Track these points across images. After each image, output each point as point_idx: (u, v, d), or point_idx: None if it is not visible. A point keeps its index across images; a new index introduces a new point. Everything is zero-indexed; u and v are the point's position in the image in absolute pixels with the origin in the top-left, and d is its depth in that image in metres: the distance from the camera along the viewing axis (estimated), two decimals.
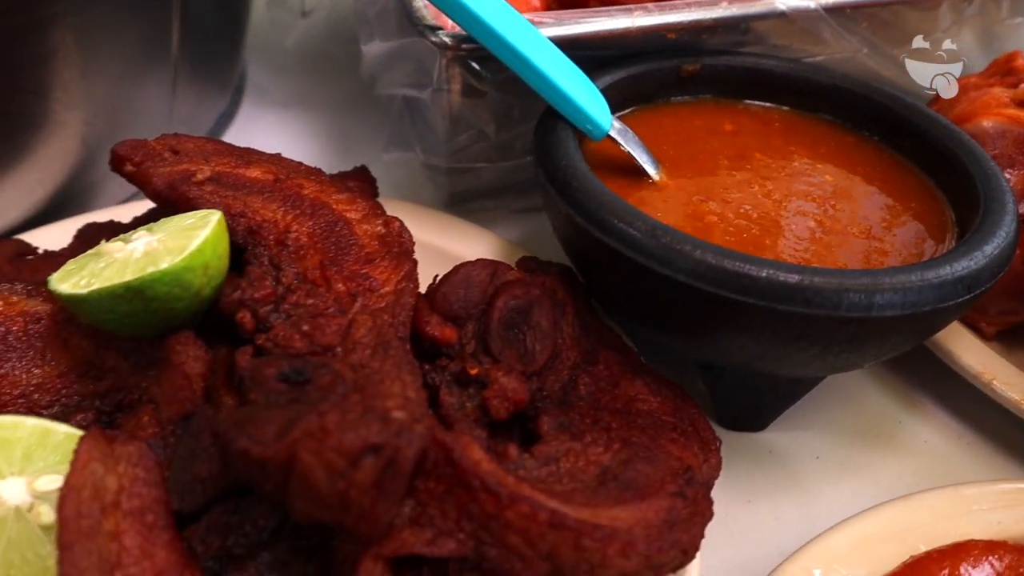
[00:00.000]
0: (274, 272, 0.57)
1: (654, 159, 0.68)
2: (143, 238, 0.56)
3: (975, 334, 0.70)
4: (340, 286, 0.56)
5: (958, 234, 0.64)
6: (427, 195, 0.85)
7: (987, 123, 0.71)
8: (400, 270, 0.58)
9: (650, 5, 0.72)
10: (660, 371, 0.61)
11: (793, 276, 0.53)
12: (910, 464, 0.67)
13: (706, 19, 0.73)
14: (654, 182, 0.67)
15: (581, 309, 0.63)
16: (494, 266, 0.61)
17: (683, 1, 0.73)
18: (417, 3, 0.70)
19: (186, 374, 0.53)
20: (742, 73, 0.75)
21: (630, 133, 0.67)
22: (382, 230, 0.62)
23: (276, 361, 0.50)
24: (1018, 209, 0.61)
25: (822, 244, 0.63)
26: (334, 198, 0.64)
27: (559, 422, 0.55)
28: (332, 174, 0.72)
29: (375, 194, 0.74)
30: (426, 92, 0.73)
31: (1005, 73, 0.75)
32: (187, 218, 0.57)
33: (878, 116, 0.72)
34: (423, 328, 0.58)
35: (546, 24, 0.69)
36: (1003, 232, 0.58)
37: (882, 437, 0.68)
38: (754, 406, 0.67)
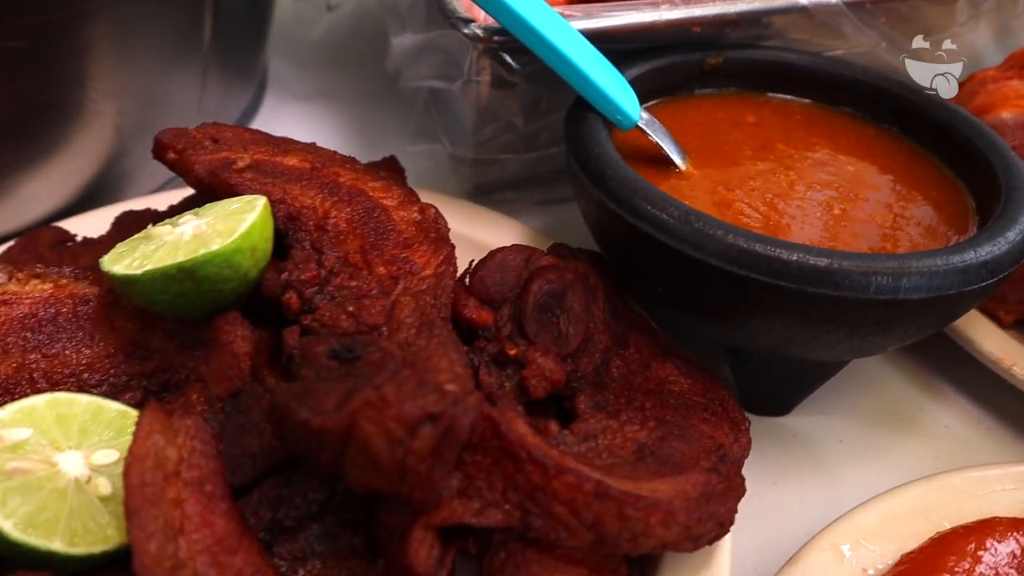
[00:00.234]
0: (316, 256, 0.59)
1: (680, 149, 0.69)
2: (191, 222, 0.57)
3: (994, 322, 0.72)
4: (381, 269, 0.58)
5: (979, 222, 0.65)
6: (451, 186, 0.86)
7: (1006, 114, 0.72)
8: (439, 254, 0.59)
9: None
10: None
11: (823, 259, 0.55)
12: (932, 448, 0.68)
13: (730, 13, 0.75)
14: (680, 172, 0.69)
15: (612, 294, 0.65)
16: (528, 251, 0.63)
17: None
18: None
19: (234, 353, 0.55)
20: (764, 66, 0.77)
21: (657, 124, 0.69)
22: (418, 216, 0.64)
23: (325, 339, 0.51)
24: None
25: (847, 231, 0.64)
26: (370, 185, 0.66)
27: (595, 401, 0.57)
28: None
29: (404, 184, 0.75)
30: (456, 84, 0.75)
31: (1023, 67, 0.76)
32: (232, 203, 0.59)
33: (899, 108, 0.73)
34: (461, 311, 0.59)
35: (576, 17, 0.70)
36: None
37: (904, 422, 0.70)
38: (779, 391, 0.69)
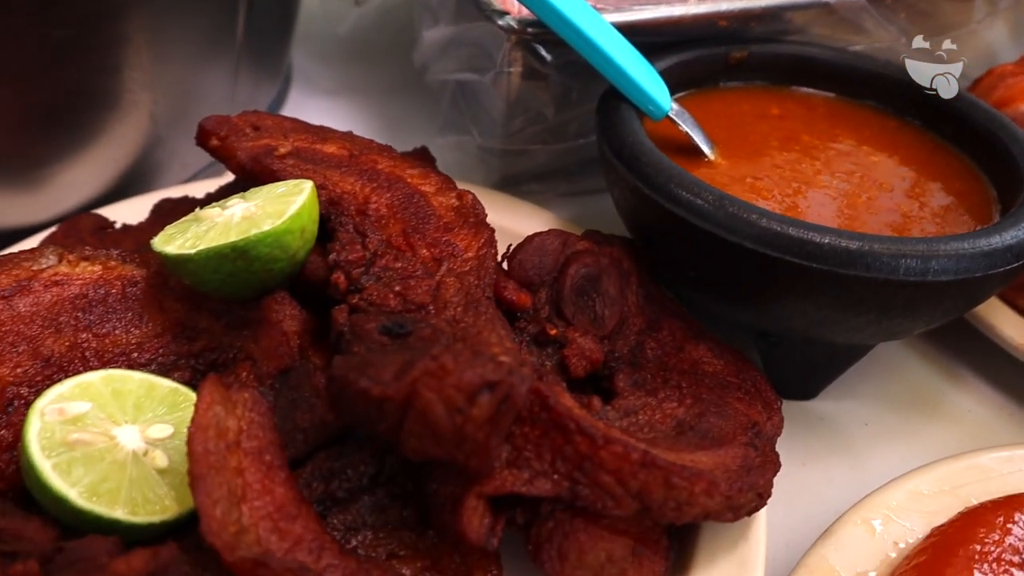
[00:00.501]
0: (360, 239, 0.60)
1: (709, 139, 0.71)
2: (239, 204, 0.59)
3: (1013, 310, 0.73)
4: (424, 252, 0.60)
5: (1001, 210, 0.67)
6: (479, 178, 0.88)
7: None
8: (480, 237, 0.61)
9: None
10: None
11: (854, 242, 0.57)
12: (955, 431, 0.70)
13: (755, 8, 0.76)
14: (709, 161, 0.71)
15: (644, 279, 0.66)
16: (565, 236, 0.65)
17: None
18: None
19: (284, 331, 0.56)
20: (788, 60, 0.79)
21: (687, 114, 0.71)
22: (456, 202, 0.65)
23: (375, 317, 0.53)
24: None
25: (873, 219, 0.66)
26: (408, 172, 0.67)
27: (633, 380, 0.58)
28: None
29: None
30: (487, 76, 0.76)
31: None
32: (278, 187, 0.60)
33: (920, 102, 0.75)
34: (501, 293, 0.61)
35: (607, 11, 0.72)
36: None
37: (927, 407, 0.72)
38: (806, 375, 0.71)
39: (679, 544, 0.55)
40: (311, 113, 1.01)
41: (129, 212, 0.77)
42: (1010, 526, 0.53)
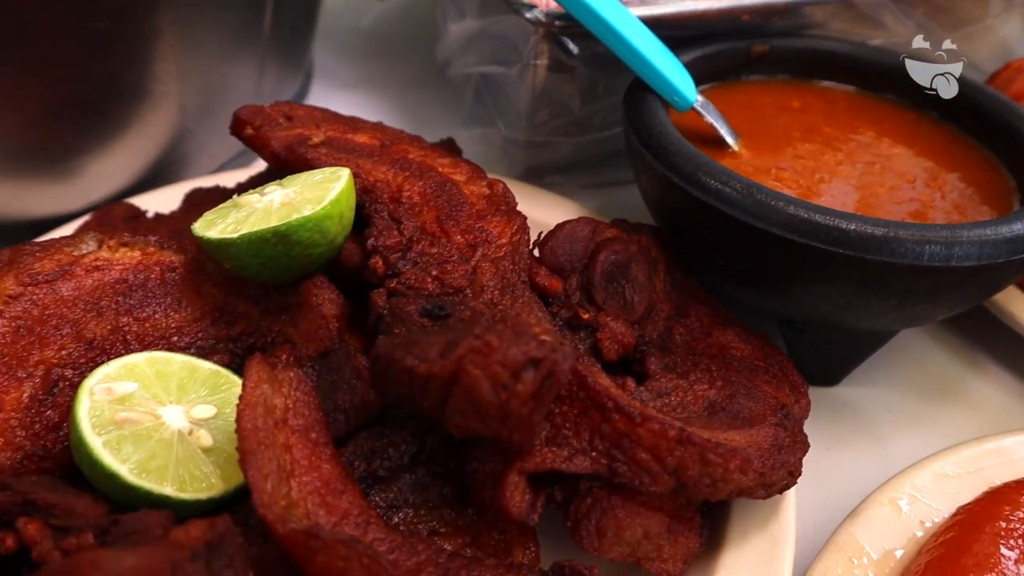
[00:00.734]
0: (396, 225, 0.61)
1: (733, 131, 0.72)
2: (277, 191, 0.60)
3: None
4: (459, 238, 0.61)
5: (1020, 199, 0.68)
6: (502, 170, 0.89)
7: None
8: (512, 224, 0.62)
9: None
10: None
11: (880, 228, 0.58)
12: (975, 417, 0.71)
13: (777, 2, 0.78)
14: (732, 152, 0.72)
15: (672, 267, 0.68)
16: (594, 224, 0.66)
17: None
18: None
19: (323, 315, 0.58)
20: (808, 54, 0.80)
21: (712, 106, 0.72)
22: (487, 191, 0.66)
23: (414, 300, 0.54)
24: None
25: (895, 208, 0.67)
26: (439, 162, 0.69)
27: (664, 363, 0.60)
28: None
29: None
30: (514, 68, 0.78)
31: None
32: (315, 174, 0.62)
33: (939, 95, 0.76)
34: (533, 279, 0.62)
35: (633, 4, 0.73)
36: None
37: (948, 393, 0.73)
38: (830, 361, 0.72)
39: (711, 522, 0.56)
40: (332, 107, 1.02)
41: (159, 202, 0.78)
42: None
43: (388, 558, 0.45)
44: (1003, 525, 0.53)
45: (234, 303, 0.62)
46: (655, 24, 0.73)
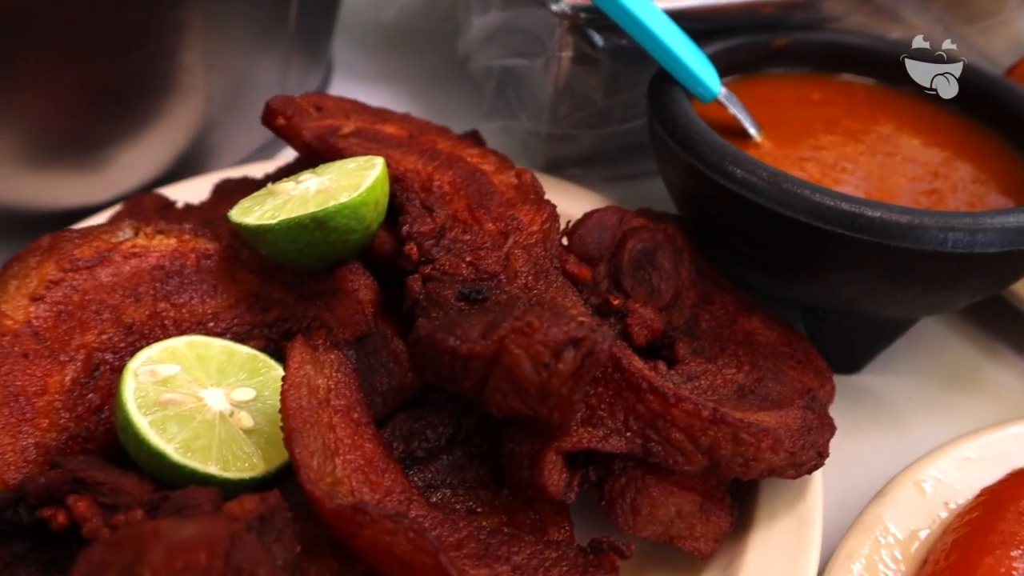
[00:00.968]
0: (428, 213, 0.62)
1: (755, 122, 0.73)
2: (312, 179, 0.61)
3: None
4: (490, 226, 0.62)
5: None
6: (523, 163, 0.90)
7: None
8: (543, 212, 0.63)
9: None
10: None
11: (904, 216, 0.59)
12: (994, 405, 0.72)
13: None
14: (755, 143, 0.73)
15: (696, 255, 0.69)
16: (622, 212, 0.67)
17: None
18: None
19: (359, 300, 0.59)
20: (828, 48, 0.81)
21: (735, 97, 0.73)
22: (515, 181, 0.68)
23: (450, 284, 0.55)
24: None
25: (916, 198, 0.68)
26: (467, 152, 0.70)
27: (692, 348, 0.61)
28: None
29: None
30: (538, 61, 0.79)
31: None
32: (348, 163, 0.63)
33: (959, 87, 0.77)
34: (563, 266, 0.63)
35: None
36: None
37: (967, 381, 0.74)
38: (851, 349, 0.73)
39: (739, 503, 0.57)
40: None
41: (187, 192, 0.80)
42: None
43: (432, 533, 0.46)
44: None
45: (268, 290, 0.63)
46: (678, 18, 0.74)
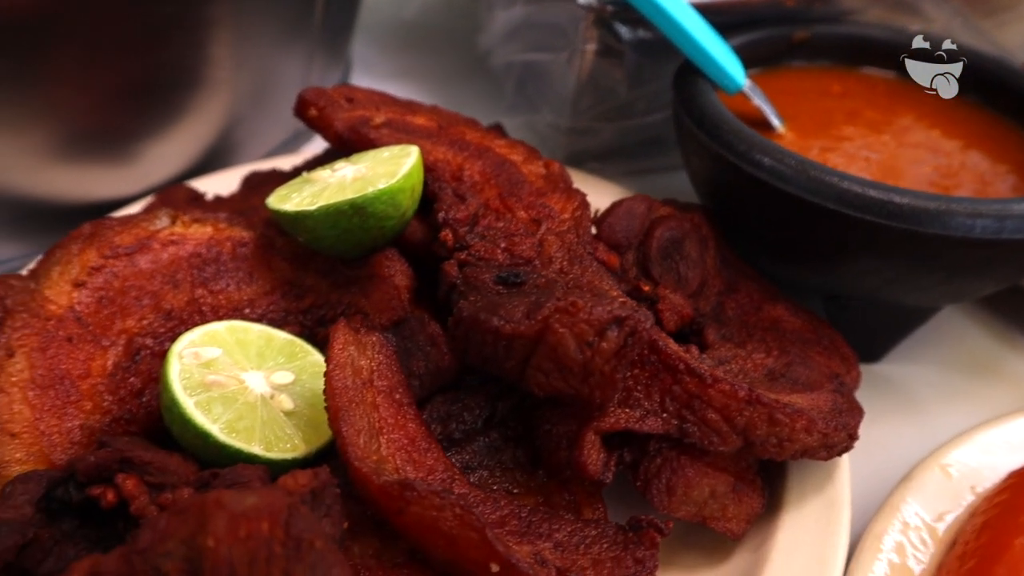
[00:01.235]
0: (461, 201, 0.63)
1: (779, 114, 0.74)
2: (348, 167, 0.62)
3: None
4: (522, 213, 0.63)
5: None
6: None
7: None
8: (573, 200, 0.64)
9: None
10: None
11: (932, 202, 0.60)
12: (1014, 393, 0.73)
13: None
14: (779, 134, 0.74)
15: (721, 244, 0.70)
16: (649, 201, 0.68)
17: None
18: None
19: (395, 285, 0.60)
20: (848, 41, 0.82)
21: (758, 89, 0.74)
22: (544, 171, 0.69)
23: (487, 269, 0.56)
24: None
25: (940, 188, 0.69)
26: (496, 143, 0.71)
27: (721, 334, 0.62)
28: None
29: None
30: (562, 55, 0.80)
31: None
32: (383, 152, 0.64)
33: (979, 79, 0.78)
34: (593, 254, 0.64)
35: None
36: None
37: (988, 370, 0.75)
38: (873, 338, 0.74)
39: (769, 485, 0.58)
40: None
41: (215, 185, 0.81)
42: None
43: (475, 510, 0.47)
44: None
45: (303, 277, 0.64)
46: (702, 10, 0.75)
